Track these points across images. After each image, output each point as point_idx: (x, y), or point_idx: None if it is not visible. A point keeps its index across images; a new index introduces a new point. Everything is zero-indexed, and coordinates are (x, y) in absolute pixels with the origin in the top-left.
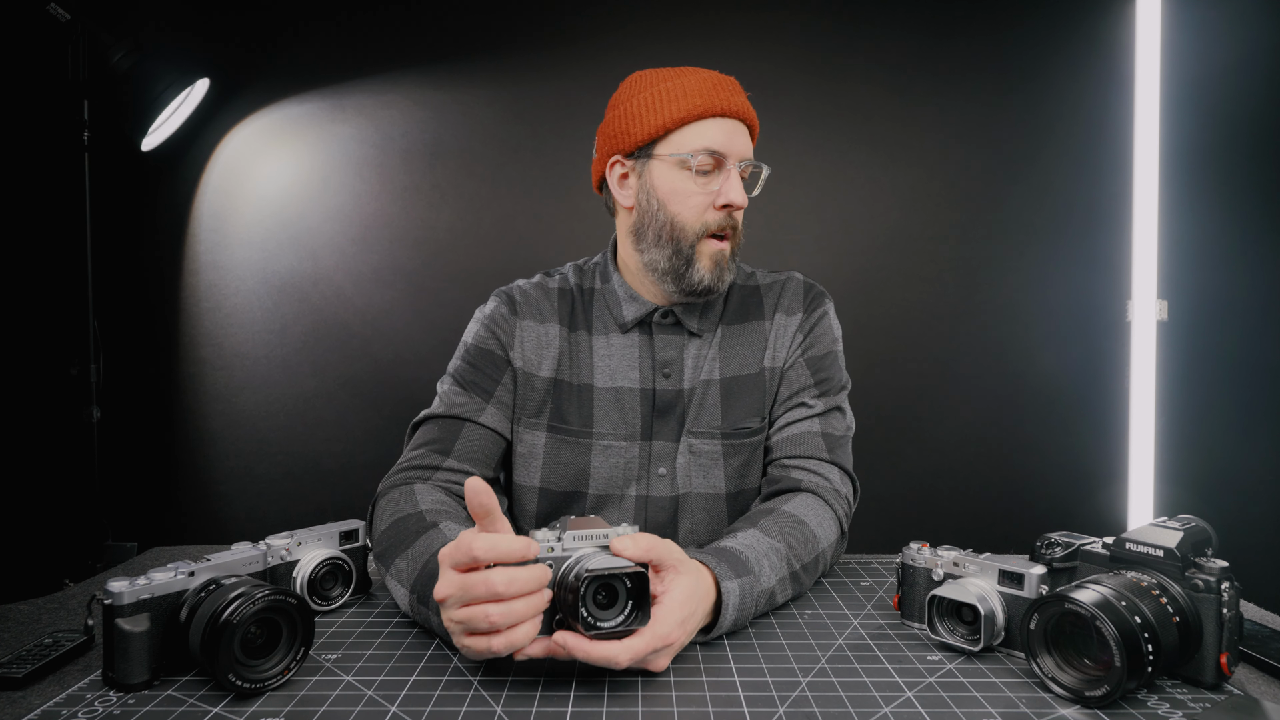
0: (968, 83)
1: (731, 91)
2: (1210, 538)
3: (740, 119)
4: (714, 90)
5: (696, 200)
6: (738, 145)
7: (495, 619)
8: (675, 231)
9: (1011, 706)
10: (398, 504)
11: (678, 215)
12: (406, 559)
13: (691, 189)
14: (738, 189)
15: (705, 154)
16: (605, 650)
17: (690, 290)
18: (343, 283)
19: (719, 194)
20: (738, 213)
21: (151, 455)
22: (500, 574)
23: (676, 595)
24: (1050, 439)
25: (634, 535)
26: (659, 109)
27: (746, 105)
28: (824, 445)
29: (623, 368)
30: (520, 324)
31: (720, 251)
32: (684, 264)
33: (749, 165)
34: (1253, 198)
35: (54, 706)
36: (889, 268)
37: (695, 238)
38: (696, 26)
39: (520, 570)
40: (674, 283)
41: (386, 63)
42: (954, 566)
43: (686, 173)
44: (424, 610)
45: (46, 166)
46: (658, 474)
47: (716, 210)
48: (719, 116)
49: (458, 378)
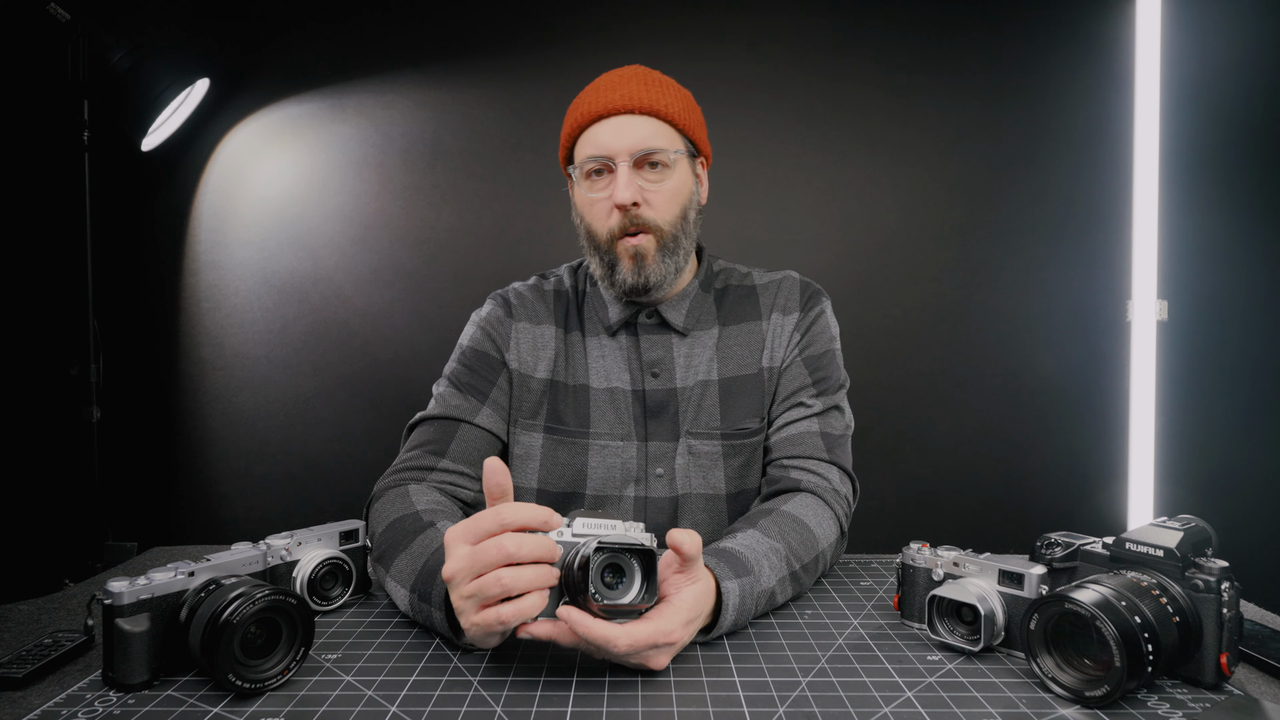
0: (968, 83)
1: (615, 87)
2: (1210, 538)
3: (630, 111)
4: (597, 94)
5: (599, 207)
6: (625, 140)
7: (507, 582)
8: (594, 240)
9: (1011, 706)
10: (393, 505)
11: (590, 224)
12: (405, 559)
13: (592, 197)
14: (622, 187)
15: (589, 161)
16: (605, 630)
17: (623, 291)
18: (343, 283)
19: (611, 196)
20: (641, 209)
21: (151, 455)
22: (511, 537)
23: (686, 598)
24: (1050, 439)
25: (691, 533)
26: (564, 127)
27: (635, 95)
28: (823, 445)
29: (615, 369)
30: (516, 326)
31: (636, 247)
32: (609, 268)
33: (643, 155)
34: (1253, 198)
35: (54, 706)
36: (889, 268)
37: (608, 242)
38: (696, 26)
39: (531, 535)
40: (611, 286)
41: (386, 63)
42: (954, 566)
43: (586, 181)
44: (425, 608)
45: (46, 166)
46: (655, 475)
47: (616, 212)
48: (603, 118)
49: (453, 380)
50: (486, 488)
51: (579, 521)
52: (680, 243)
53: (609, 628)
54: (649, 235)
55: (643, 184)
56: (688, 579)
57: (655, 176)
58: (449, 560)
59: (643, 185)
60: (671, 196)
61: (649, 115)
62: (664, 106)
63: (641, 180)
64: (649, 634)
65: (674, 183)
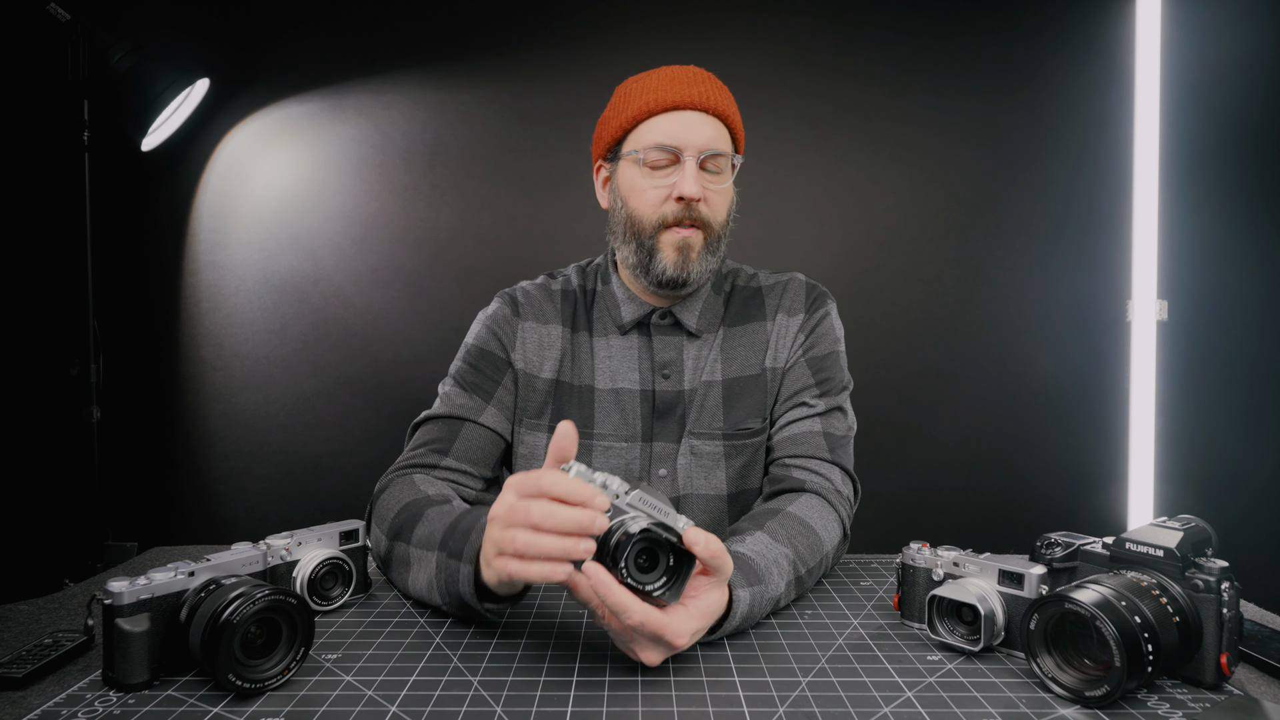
0: (968, 83)
1: (689, 84)
2: (1210, 538)
3: (701, 109)
4: (669, 85)
5: (651, 194)
6: (696, 137)
7: (520, 545)
8: (635, 226)
9: (1011, 706)
10: (403, 491)
11: (635, 210)
12: (425, 526)
13: (646, 184)
14: (690, 181)
15: (656, 149)
16: (624, 598)
17: (657, 282)
18: (343, 283)
19: (675, 186)
20: (700, 205)
21: (151, 455)
22: (540, 506)
23: (700, 606)
24: (1050, 439)
25: (709, 535)
26: (621, 110)
27: (709, 96)
28: (825, 445)
29: (623, 369)
30: (522, 325)
31: (683, 240)
32: (647, 256)
33: (710, 156)
34: (1253, 198)
35: (54, 706)
36: (889, 268)
37: (653, 230)
38: (697, 26)
39: (563, 508)
40: (644, 276)
41: (386, 63)
42: (954, 566)
43: (643, 168)
44: (453, 565)
45: (46, 166)
46: (658, 475)
47: (674, 203)
48: (673, 110)
49: (458, 378)
50: (551, 447)
51: (636, 494)
52: (721, 244)
53: (629, 597)
54: (699, 231)
55: (704, 182)
56: (711, 582)
57: (713, 178)
58: (498, 501)
59: (704, 183)
60: (724, 198)
61: (717, 118)
62: (731, 113)
63: (702, 178)
64: (660, 623)
65: (727, 186)
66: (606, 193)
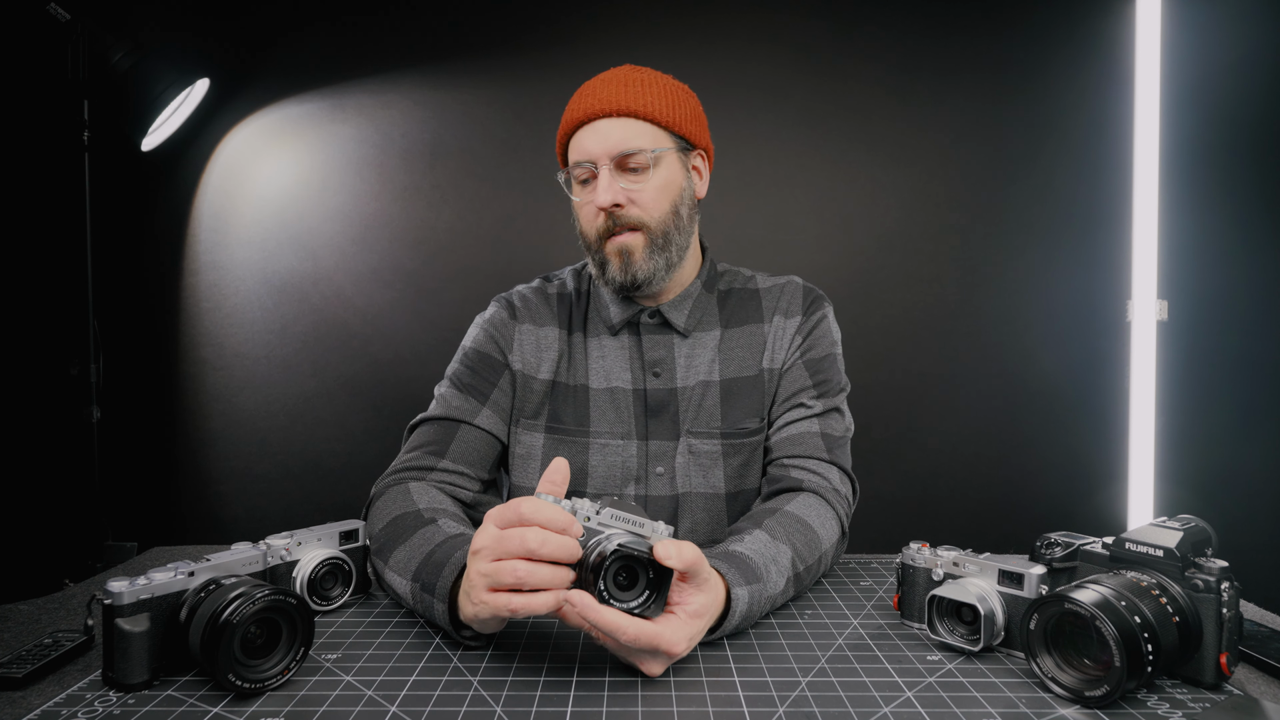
0: (968, 83)
1: (595, 92)
2: (1210, 538)
3: (608, 115)
4: (580, 100)
5: (586, 210)
6: (604, 144)
7: (521, 575)
8: (585, 240)
9: (1011, 706)
10: (394, 503)
11: (580, 227)
12: (404, 551)
13: (581, 200)
14: (602, 190)
15: (576, 166)
16: (614, 618)
17: (615, 288)
18: (343, 283)
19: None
20: (626, 209)
21: (151, 455)
22: (535, 533)
23: (691, 608)
24: (1050, 439)
25: (680, 545)
26: (558, 133)
27: (614, 98)
28: (823, 445)
29: (615, 368)
30: (519, 328)
31: (621, 245)
32: (600, 267)
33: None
34: (1253, 198)
35: (54, 706)
36: (889, 268)
37: (598, 242)
38: (696, 27)
39: (556, 536)
40: (606, 285)
41: (386, 63)
42: (954, 566)
43: (578, 186)
44: (427, 599)
45: (46, 166)
46: (656, 473)
47: (601, 214)
48: (584, 124)
49: (455, 381)
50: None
51: (607, 511)
52: (672, 238)
53: (618, 616)
54: (637, 233)
55: (625, 185)
56: (693, 586)
57: (638, 176)
58: (479, 534)
59: (625, 186)
60: (658, 193)
61: (628, 116)
62: (642, 106)
63: (624, 181)
64: (653, 635)
65: (660, 180)
66: None
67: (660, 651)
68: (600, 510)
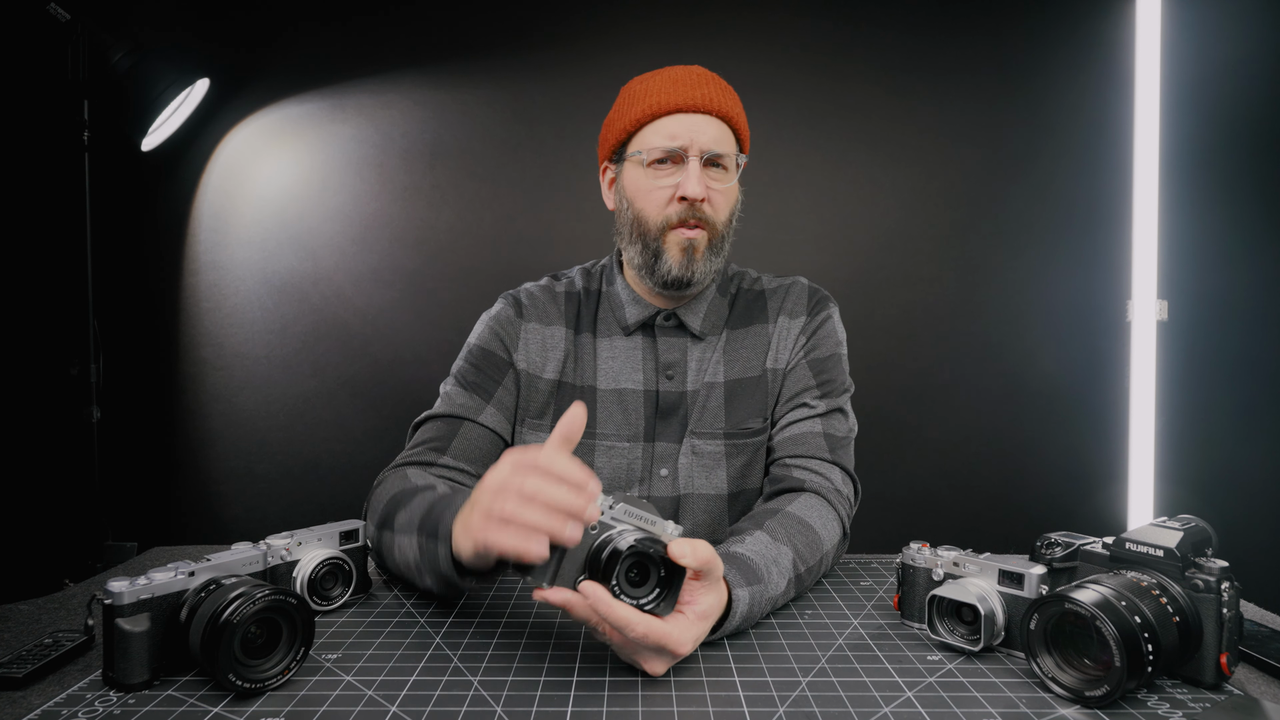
0: (968, 83)
1: (693, 85)
2: (1210, 538)
3: (705, 111)
4: (674, 87)
5: (656, 195)
6: (700, 138)
7: (507, 512)
8: (641, 226)
9: (1011, 706)
10: (393, 485)
11: (641, 211)
12: (406, 514)
13: (650, 185)
14: (693, 181)
15: (659, 150)
16: (625, 613)
17: (663, 283)
18: (343, 283)
19: (679, 187)
20: (704, 205)
21: (151, 455)
22: (533, 479)
23: (699, 609)
24: (1050, 439)
25: (694, 543)
26: (626, 113)
27: (713, 97)
28: (826, 445)
29: (626, 370)
30: (525, 326)
31: (688, 240)
32: (653, 257)
33: (714, 156)
34: (1253, 198)
35: (54, 706)
36: (889, 268)
37: (659, 231)
38: (697, 26)
39: (554, 485)
40: (649, 277)
41: (386, 63)
42: (954, 566)
43: (647, 169)
44: (430, 545)
45: (46, 166)
46: (660, 475)
47: (678, 203)
48: (677, 113)
49: (459, 378)
50: (559, 425)
51: (620, 507)
52: (725, 244)
53: (630, 611)
54: (703, 231)
55: (708, 182)
56: (704, 586)
57: (718, 177)
58: (494, 469)
59: (707, 183)
60: (727, 198)
61: (720, 119)
62: (735, 114)
63: (706, 179)
64: (663, 633)
65: (731, 186)
66: (613, 194)
67: (666, 650)
68: (614, 505)
